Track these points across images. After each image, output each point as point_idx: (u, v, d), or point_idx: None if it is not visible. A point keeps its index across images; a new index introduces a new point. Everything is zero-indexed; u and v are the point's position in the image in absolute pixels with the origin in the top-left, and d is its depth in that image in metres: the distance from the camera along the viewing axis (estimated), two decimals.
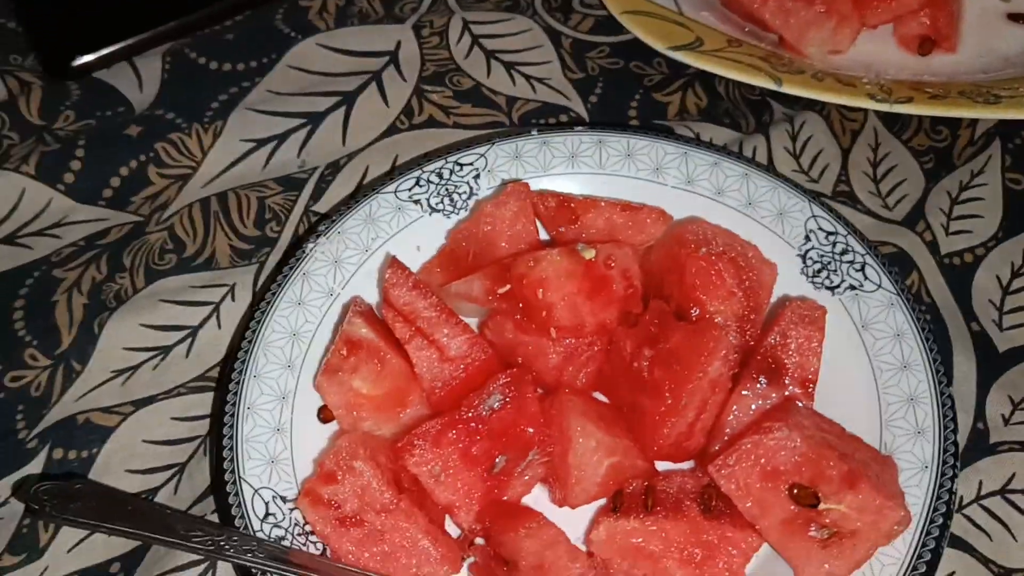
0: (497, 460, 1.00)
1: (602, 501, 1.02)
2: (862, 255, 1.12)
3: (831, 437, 0.94)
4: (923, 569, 0.92)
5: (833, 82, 1.28)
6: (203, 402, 1.16)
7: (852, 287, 1.10)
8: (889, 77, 1.33)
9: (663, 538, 0.94)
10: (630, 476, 1.00)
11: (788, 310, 1.02)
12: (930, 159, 1.32)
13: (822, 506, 0.91)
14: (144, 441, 1.13)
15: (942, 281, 1.21)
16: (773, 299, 1.11)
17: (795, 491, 0.92)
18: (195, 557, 1.02)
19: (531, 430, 1.01)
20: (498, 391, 1.00)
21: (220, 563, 1.03)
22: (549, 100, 1.41)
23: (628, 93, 1.42)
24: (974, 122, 1.35)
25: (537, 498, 1.04)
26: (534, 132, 1.25)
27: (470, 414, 0.99)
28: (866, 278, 1.10)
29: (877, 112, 1.35)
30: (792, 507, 0.92)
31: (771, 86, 1.28)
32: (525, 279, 1.04)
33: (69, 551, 1.06)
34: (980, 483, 1.05)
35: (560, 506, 1.02)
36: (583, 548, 0.98)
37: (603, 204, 1.14)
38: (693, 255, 1.06)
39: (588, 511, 1.03)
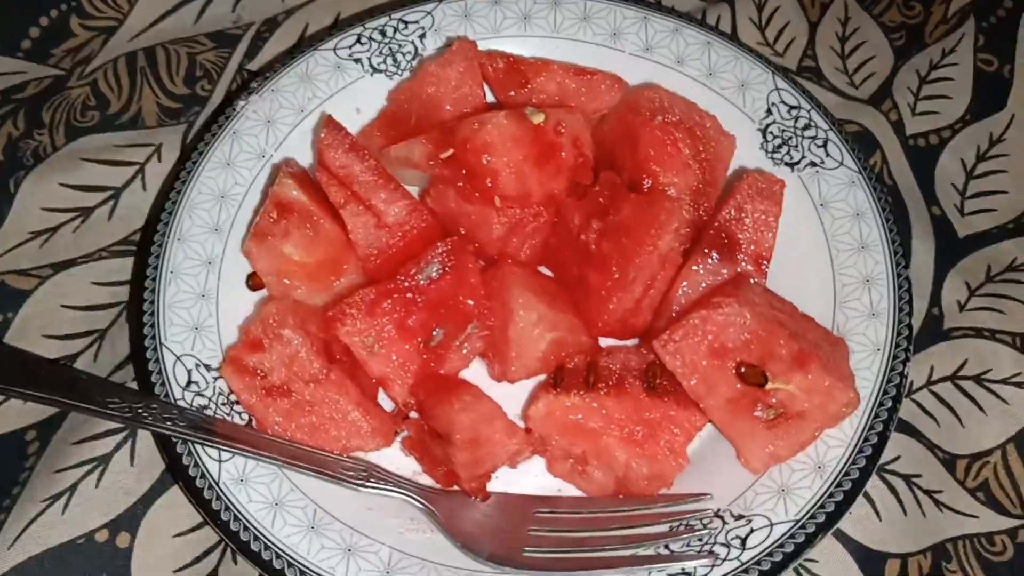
0: (435, 333, 0.95)
1: (542, 377, 0.98)
2: (825, 131, 1.06)
3: (783, 316, 0.90)
4: (869, 452, 0.89)
5: None
6: (126, 267, 1.10)
7: (813, 164, 1.05)
8: None
9: (604, 415, 0.90)
10: (572, 352, 0.96)
11: (744, 183, 0.97)
12: (901, 36, 1.26)
13: (769, 386, 0.88)
14: (63, 306, 1.07)
15: (905, 163, 1.16)
16: (730, 173, 1.05)
17: (743, 370, 0.88)
18: (113, 425, 0.97)
19: (471, 302, 0.96)
20: (437, 260, 0.95)
21: (140, 433, 0.98)
22: None
23: None
24: None
25: (476, 373, 0.99)
26: None
27: (407, 283, 0.94)
28: (828, 155, 1.05)
29: None
30: (738, 386, 0.89)
31: None
32: (469, 143, 0.97)
33: None
34: (932, 368, 1.03)
35: (499, 381, 0.98)
36: (521, 425, 0.94)
37: (555, 67, 1.06)
38: (648, 123, 1.00)
39: (527, 387, 0.99)
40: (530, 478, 0.95)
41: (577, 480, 0.94)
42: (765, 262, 0.96)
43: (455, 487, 0.93)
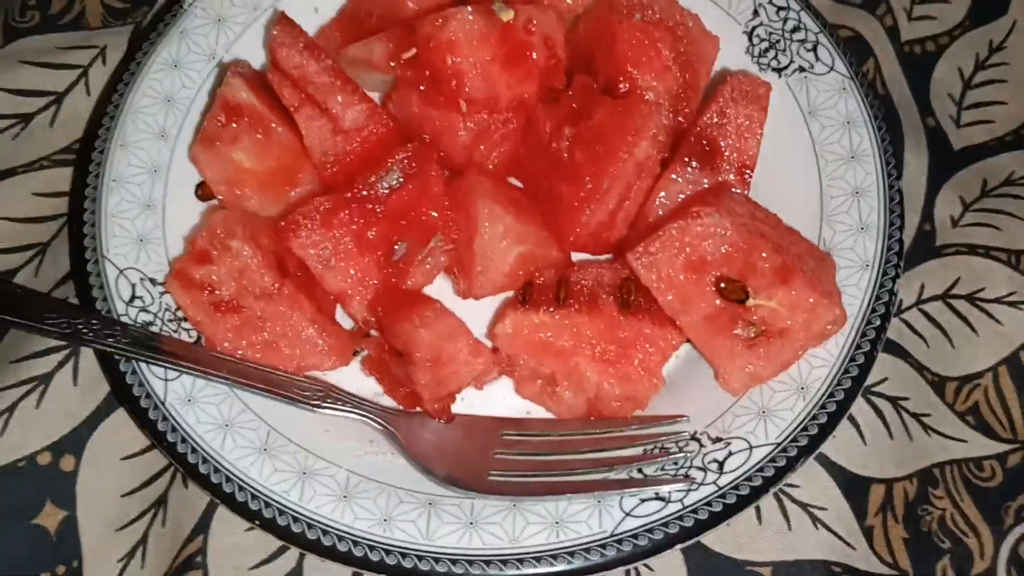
0: (396, 247, 0.89)
1: (510, 294, 0.93)
2: (815, 33, 1.00)
3: (766, 228, 0.84)
4: (855, 373, 0.84)
5: None
6: (68, 176, 1.03)
7: (801, 68, 0.99)
8: None
9: (574, 333, 0.85)
10: (542, 267, 0.90)
11: (728, 86, 0.90)
12: None
13: (751, 302, 0.83)
14: (2, 218, 1.00)
15: (899, 71, 1.09)
16: (712, 77, 0.99)
17: (722, 284, 0.82)
18: (54, 344, 0.91)
19: (434, 213, 0.90)
20: (398, 167, 0.88)
21: (84, 351, 0.92)
22: None
23: None
24: None
25: (440, 290, 0.94)
26: None
27: (366, 192, 0.88)
28: (817, 59, 0.99)
29: None
30: (717, 302, 0.83)
31: None
32: (432, 41, 0.90)
33: None
34: (922, 287, 0.98)
35: (464, 298, 0.92)
36: (488, 344, 0.89)
37: None
38: (626, 21, 0.93)
39: (494, 304, 0.93)
40: (497, 400, 0.91)
41: (546, 402, 0.89)
42: (748, 171, 0.90)
43: (417, 409, 0.88)
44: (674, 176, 0.89)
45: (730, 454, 0.82)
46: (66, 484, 0.88)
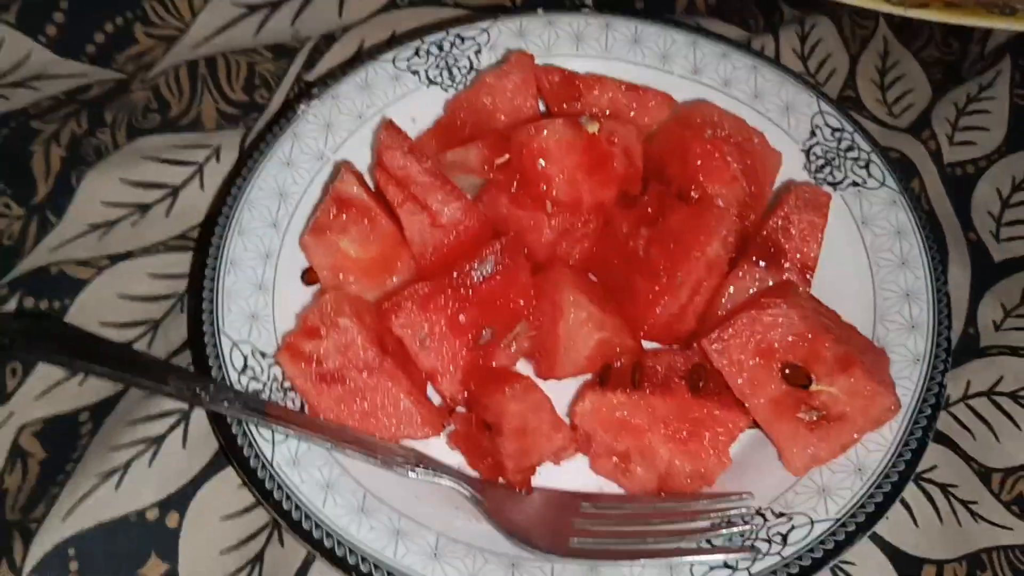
0: (484, 332, 0.98)
1: (587, 377, 1.01)
2: (867, 152, 1.10)
3: (827, 321, 0.92)
4: (908, 457, 0.91)
5: None
6: (182, 261, 1.13)
7: (855, 183, 1.08)
8: None
9: (649, 413, 0.93)
10: (618, 353, 0.98)
11: (792, 194, 1.00)
12: (939, 71, 1.30)
13: (813, 387, 0.90)
14: (119, 296, 1.10)
15: (942, 190, 1.19)
16: (775, 189, 1.09)
17: (787, 370, 0.90)
18: (166, 408, 1.00)
19: (521, 301, 0.99)
20: (491, 257, 0.98)
21: (193, 416, 1.00)
22: None
23: None
24: (985, 37, 1.33)
25: (521, 372, 1.02)
26: (540, 11, 1.21)
27: (461, 280, 0.97)
28: (870, 175, 1.09)
29: (889, 21, 1.33)
30: (783, 387, 0.91)
31: None
32: (525, 148, 1.01)
33: (37, 398, 1.02)
34: (968, 383, 1.05)
35: (544, 379, 1.00)
36: (567, 421, 0.96)
37: (608, 82, 1.10)
38: (698, 136, 1.04)
39: (573, 386, 1.01)
40: (572, 475, 0.97)
41: (620, 477, 0.96)
42: (810, 272, 0.99)
43: (500, 480, 0.95)
44: (742, 274, 0.98)
45: (792, 528, 0.89)
46: (170, 539, 0.95)
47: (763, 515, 0.90)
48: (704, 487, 0.93)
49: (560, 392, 1.00)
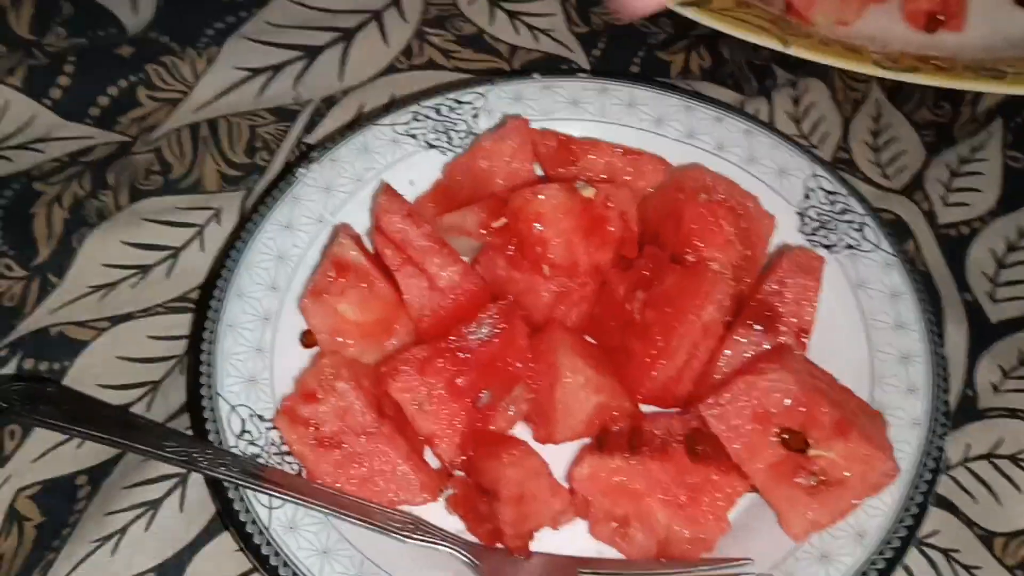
0: (482, 395, 0.98)
1: (585, 441, 1.01)
2: (861, 215, 1.11)
3: (823, 385, 0.93)
4: (909, 523, 0.91)
5: (840, 48, 1.28)
6: (181, 322, 1.13)
7: (850, 246, 1.09)
8: (894, 50, 1.32)
9: (647, 478, 0.92)
10: (616, 417, 0.98)
11: (786, 258, 1.01)
12: (931, 133, 1.32)
13: (811, 452, 0.90)
14: (119, 357, 1.10)
15: (937, 251, 1.20)
16: (769, 251, 1.09)
17: (785, 436, 0.90)
18: (164, 472, 1.00)
19: (519, 364, 0.99)
20: (488, 322, 0.98)
21: (190, 480, 1.00)
22: (552, 51, 1.40)
23: (632, 50, 1.40)
24: (976, 100, 1.35)
25: (519, 436, 1.02)
26: (536, 75, 1.23)
27: (459, 343, 0.97)
28: (864, 238, 1.09)
29: (881, 84, 1.35)
30: (781, 452, 0.91)
31: (779, 47, 1.27)
32: (522, 212, 1.02)
33: (35, 460, 1.02)
34: (967, 446, 1.05)
35: (543, 443, 1.00)
36: (565, 486, 0.96)
37: (604, 146, 1.12)
38: (692, 200, 1.05)
39: (570, 451, 1.01)
40: (571, 540, 0.97)
41: (618, 543, 0.95)
42: (805, 335, 0.99)
43: (498, 545, 0.94)
44: (738, 338, 0.98)
45: None
46: None
47: None
48: (704, 552, 0.93)
49: (558, 456, 1.00)
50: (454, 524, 0.97)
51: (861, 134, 1.31)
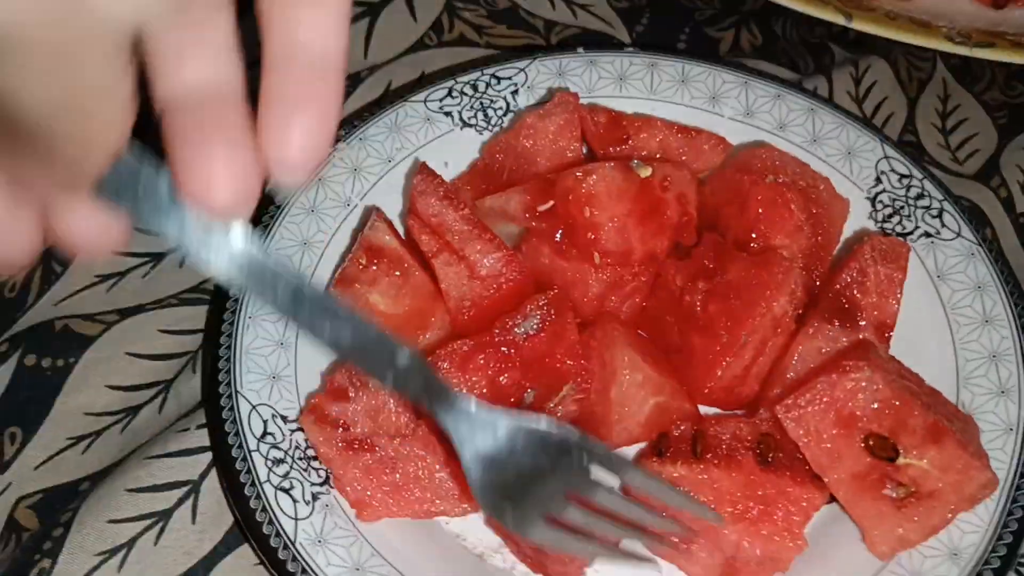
0: (526, 394, 0.89)
1: (642, 446, 0.91)
2: (940, 200, 1.01)
3: (913, 386, 0.83)
4: (1008, 540, 0.81)
5: (907, 22, 1.18)
6: (195, 315, 1.04)
7: (927, 234, 1.00)
8: (964, 25, 1.22)
9: (714, 488, 0.83)
10: (676, 419, 0.89)
11: (867, 246, 0.91)
12: (1004, 115, 1.22)
13: (900, 460, 0.80)
14: (128, 354, 1.01)
15: (1016, 241, 1.10)
16: (842, 240, 1.00)
17: (871, 442, 0.81)
18: (174, 479, 0.91)
19: (568, 361, 0.90)
20: (535, 314, 0.89)
21: (204, 488, 0.91)
22: (591, 27, 1.30)
23: (677, 26, 1.31)
24: None
25: None
26: (581, 50, 1.13)
27: (503, 337, 0.88)
28: (944, 225, 1.00)
29: (946, 63, 1.25)
30: (867, 459, 0.81)
31: (841, 21, 1.17)
32: (572, 194, 0.93)
33: (36, 468, 0.94)
34: None
35: None
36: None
37: (659, 124, 1.03)
38: (759, 182, 0.95)
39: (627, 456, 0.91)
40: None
41: (680, 561, 0.86)
42: (888, 331, 0.90)
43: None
44: (813, 332, 0.89)
45: None
46: None
47: None
48: (777, 573, 0.83)
49: None
50: (494, 540, 0.88)
51: (928, 115, 1.21)
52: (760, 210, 0.94)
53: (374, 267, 0.93)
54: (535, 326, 0.89)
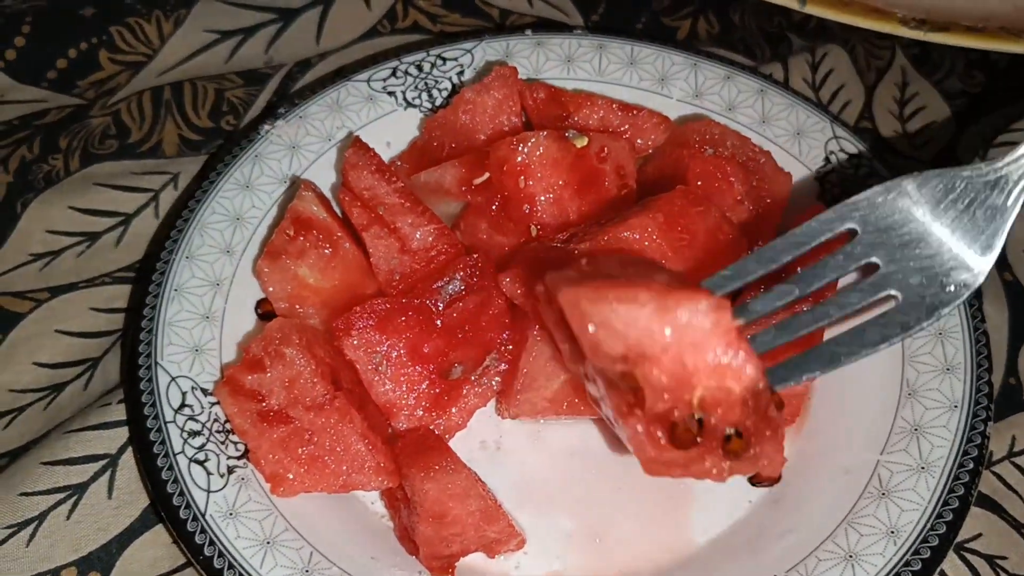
0: (454, 368, 0.86)
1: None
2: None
3: None
4: (949, 518, 0.78)
5: (861, 7, 1.16)
6: (128, 294, 1.02)
7: None
8: (921, 11, 1.20)
9: None
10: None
11: None
12: (962, 102, 1.20)
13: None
14: (57, 331, 0.99)
15: None
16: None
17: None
18: (92, 451, 0.88)
19: (496, 331, 0.87)
20: (458, 275, 0.86)
21: (121, 463, 0.88)
22: (546, 15, 1.29)
23: (634, 14, 1.29)
24: (1009, 69, 1.23)
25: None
26: (528, 32, 1.12)
27: (426, 300, 0.85)
28: None
29: (906, 52, 1.23)
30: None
31: (795, 6, 1.15)
32: (506, 164, 0.90)
33: None
34: (1013, 439, 0.92)
35: (503, 418, 0.88)
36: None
37: (599, 101, 1.00)
38: (697, 155, 0.93)
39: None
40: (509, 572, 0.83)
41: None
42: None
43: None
44: None
45: None
46: None
47: None
48: None
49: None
50: None
51: (886, 103, 1.19)
52: (699, 183, 0.92)
53: (301, 239, 0.90)
54: (459, 288, 0.86)
